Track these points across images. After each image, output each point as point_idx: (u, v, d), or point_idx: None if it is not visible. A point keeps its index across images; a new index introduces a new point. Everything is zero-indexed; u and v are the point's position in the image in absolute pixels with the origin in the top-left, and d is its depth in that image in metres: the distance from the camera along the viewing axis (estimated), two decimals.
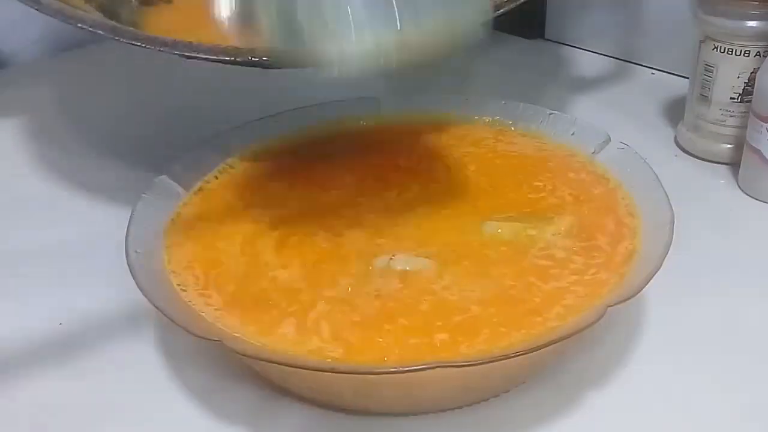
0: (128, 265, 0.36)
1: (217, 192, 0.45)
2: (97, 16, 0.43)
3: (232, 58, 0.40)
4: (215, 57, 0.40)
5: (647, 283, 0.34)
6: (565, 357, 0.38)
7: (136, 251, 0.38)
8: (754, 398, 0.36)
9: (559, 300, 0.36)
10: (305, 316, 0.35)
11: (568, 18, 0.73)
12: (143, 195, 0.41)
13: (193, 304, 0.36)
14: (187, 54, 0.40)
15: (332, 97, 0.50)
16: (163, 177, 0.43)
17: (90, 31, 0.41)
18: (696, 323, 0.40)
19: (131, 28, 0.43)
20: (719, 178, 0.53)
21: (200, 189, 0.45)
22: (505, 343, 0.33)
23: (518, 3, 0.44)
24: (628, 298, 0.33)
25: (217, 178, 0.46)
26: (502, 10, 0.43)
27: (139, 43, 0.41)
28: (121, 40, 0.41)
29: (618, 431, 0.35)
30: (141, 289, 0.35)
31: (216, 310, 0.36)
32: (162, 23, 0.51)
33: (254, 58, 0.40)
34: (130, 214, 0.40)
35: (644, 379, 0.37)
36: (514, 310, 0.35)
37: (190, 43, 0.41)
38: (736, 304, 0.42)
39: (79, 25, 0.41)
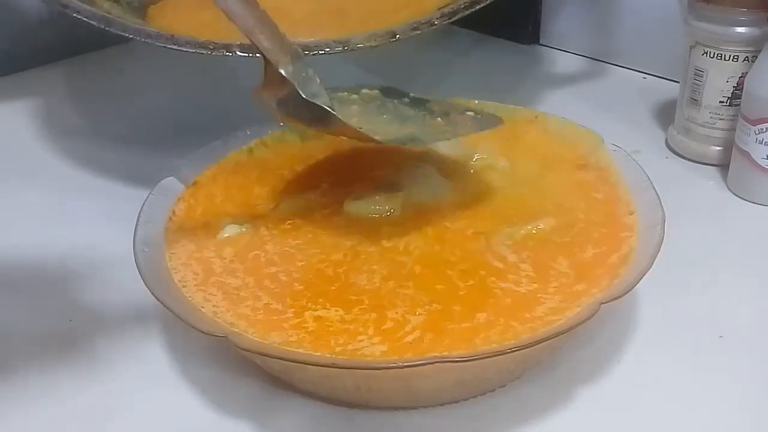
0: (136, 263, 0.37)
1: (216, 190, 0.45)
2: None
3: (210, 51, 0.44)
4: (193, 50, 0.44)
5: (639, 280, 0.35)
6: (559, 353, 0.39)
7: (143, 250, 0.38)
8: (744, 392, 0.37)
9: (550, 298, 0.36)
10: (303, 314, 0.36)
11: (563, 24, 0.74)
12: (150, 195, 0.42)
13: (194, 300, 0.37)
14: (162, 45, 0.44)
15: None
16: (170, 178, 0.44)
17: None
18: (687, 320, 0.41)
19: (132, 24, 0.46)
20: (709, 179, 0.53)
21: (195, 185, 0.45)
22: (499, 337, 0.34)
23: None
24: (621, 295, 0.34)
25: (217, 176, 0.46)
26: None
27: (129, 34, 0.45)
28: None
29: (611, 425, 0.36)
30: (148, 287, 0.36)
31: (214, 306, 0.36)
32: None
33: (228, 53, 0.44)
34: (137, 214, 0.41)
35: (636, 374, 0.38)
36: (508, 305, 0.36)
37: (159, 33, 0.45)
38: (725, 300, 0.43)
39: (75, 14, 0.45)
